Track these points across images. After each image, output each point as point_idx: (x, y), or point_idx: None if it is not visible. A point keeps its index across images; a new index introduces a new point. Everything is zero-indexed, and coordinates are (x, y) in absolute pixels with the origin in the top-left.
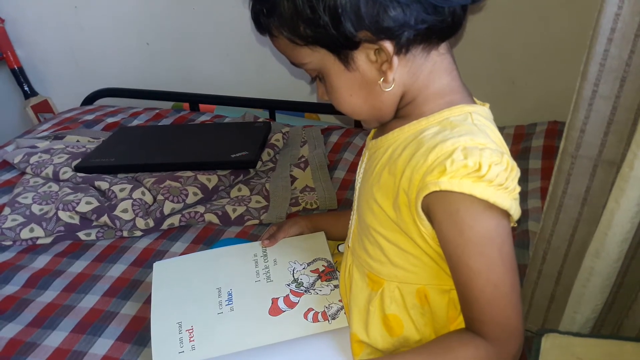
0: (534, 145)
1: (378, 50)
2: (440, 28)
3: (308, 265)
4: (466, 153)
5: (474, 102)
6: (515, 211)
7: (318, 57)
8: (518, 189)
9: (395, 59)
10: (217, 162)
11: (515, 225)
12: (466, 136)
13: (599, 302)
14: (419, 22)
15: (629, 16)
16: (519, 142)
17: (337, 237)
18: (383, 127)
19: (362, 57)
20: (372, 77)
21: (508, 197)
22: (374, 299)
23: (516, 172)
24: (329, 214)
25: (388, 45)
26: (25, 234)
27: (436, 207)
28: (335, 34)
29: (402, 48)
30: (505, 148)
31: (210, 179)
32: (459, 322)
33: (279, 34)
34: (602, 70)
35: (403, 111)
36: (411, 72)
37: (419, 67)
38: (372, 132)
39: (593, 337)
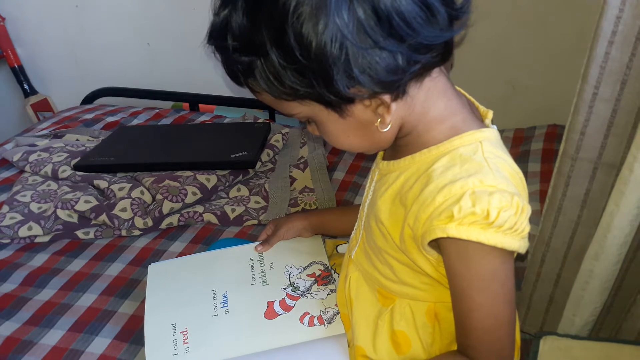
0: (533, 148)
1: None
2: (433, 62)
3: (304, 270)
4: (474, 199)
5: (477, 118)
6: (523, 248)
7: (308, 109)
8: (528, 228)
9: (394, 105)
10: (217, 162)
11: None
12: (475, 177)
13: (597, 304)
14: (412, 63)
15: (630, 19)
16: (518, 145)
17: (339, 234)
18: (393, 150)
19: (357, 105)
20: (368, 119)
21: (517, 238)
22: (383, 314)
23: (527, 213)
24: (330, 210)
25: (385, 97)
26: (23, 232)
27: (445, 242)
28: (326, 93)
29: (399, 94)
30: (517, 179)
31: (209, 179)
32: None
33: (261, 91)
34: (602, 72)
35: (404, 140)
36: (406, 105)
37: (413, 98)
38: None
39: (592, 339)
